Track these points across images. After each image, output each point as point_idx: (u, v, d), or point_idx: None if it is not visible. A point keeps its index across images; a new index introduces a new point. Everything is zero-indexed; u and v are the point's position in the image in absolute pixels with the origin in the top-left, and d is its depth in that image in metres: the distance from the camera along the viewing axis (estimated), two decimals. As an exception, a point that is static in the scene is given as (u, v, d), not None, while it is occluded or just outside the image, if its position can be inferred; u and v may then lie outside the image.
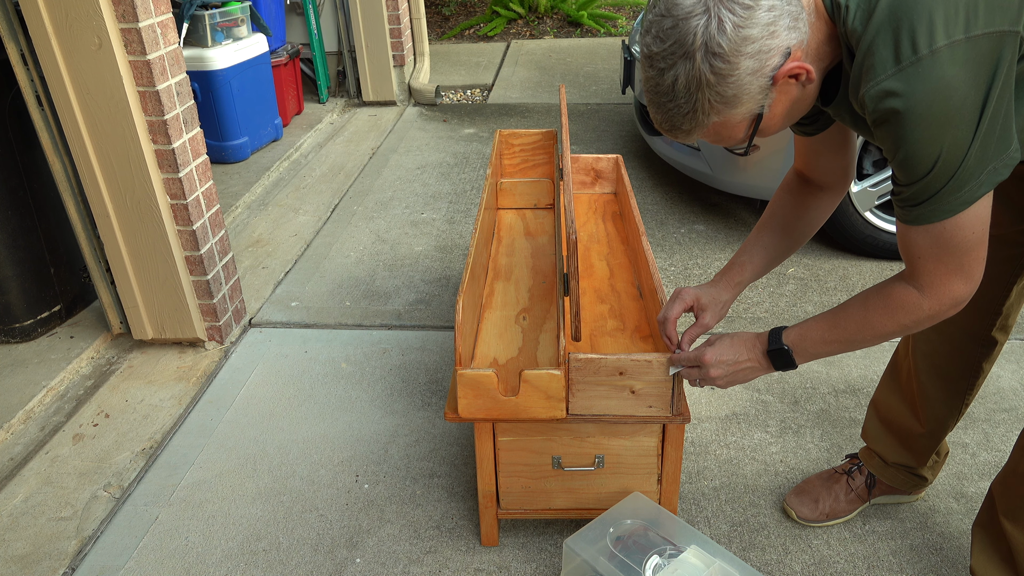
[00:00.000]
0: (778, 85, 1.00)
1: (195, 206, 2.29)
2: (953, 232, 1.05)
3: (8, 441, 2.11)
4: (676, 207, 3.34)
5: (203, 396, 2.26)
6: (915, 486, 1.74)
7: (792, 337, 1.24)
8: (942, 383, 1.55)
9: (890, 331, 1.16)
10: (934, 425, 1.60)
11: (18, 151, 2.33)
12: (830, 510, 1.74)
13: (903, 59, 0.94)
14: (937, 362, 1.54)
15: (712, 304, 1.44)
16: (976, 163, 1.00)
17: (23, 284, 2.42)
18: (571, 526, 1.76)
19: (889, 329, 1.15)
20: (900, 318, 1.13)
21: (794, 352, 1.24)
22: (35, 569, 1.72)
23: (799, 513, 1.75)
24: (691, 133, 1.05)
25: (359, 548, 1.74)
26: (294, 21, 4.86)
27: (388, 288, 2.80)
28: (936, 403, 1.57)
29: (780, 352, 1.25)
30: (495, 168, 2.34)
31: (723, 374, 1.31)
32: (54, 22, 1.99)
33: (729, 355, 1.30)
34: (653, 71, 1.01)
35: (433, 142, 4.30)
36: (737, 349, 1.30)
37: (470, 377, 1.47)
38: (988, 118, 0.97)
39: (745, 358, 1.29)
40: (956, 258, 1.07)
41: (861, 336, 1.18)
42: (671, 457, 1.57)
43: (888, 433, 1.69)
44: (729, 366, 1.30)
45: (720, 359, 1.30)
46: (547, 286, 2.00)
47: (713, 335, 1.34)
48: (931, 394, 1.57)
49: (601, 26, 6.65)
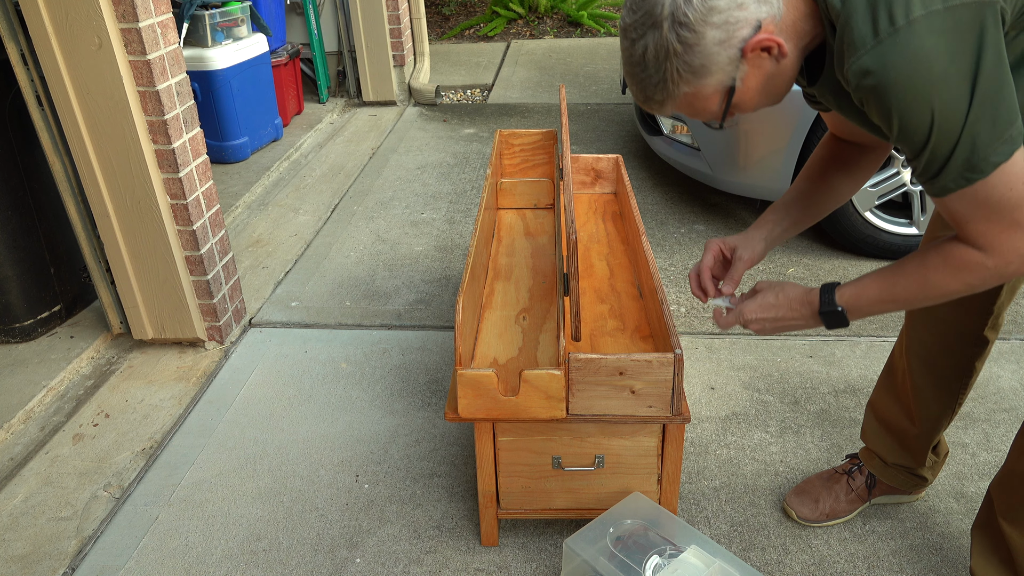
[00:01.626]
0: (749, 58, 1.01)
1: (195, 206, 2.29)
2: (990, 192, 1.02)
3: (8, 441, 2.11)
4: (676, 207, 3.34)
5: (203, 396, 2.26)
6: (915, 486, 1.75)
7: (846, 298, 1.20)
8: (935, 382, 1.57)
9: (955, 290, 1.13)
10: (928, 424, 1.62)
11: (18, 151, 2.33)
12: (830, 510, 1.74)
13: (881, 32, 0.94)
14: (930, 361, 1.55)
15: (744, 244, 1.38)
16: (985, 126, 0.98)
17: (23, 284, 2.42)
18: (571, 526, 1.76)
19: (953, 288, 1.12)
20: (965, 278, 1.10)
21: (847, 312, 1.22)
22: (35, 569, 1.72)
23: (799, 513, 1.75)
24: (664, 104, 1.07)
25: (359, 548, 1.74)
26: (294, 21, 4.86)
27: (388, 288, 2.80)
28: (930, 402, 1.59)
29: (833, 314, 1.22)
30: (495, 168, 2.34)
31: (761, 329, 1.29)
32: (54, 22, 1.99)
33: (770, 313, 1.27)
34: (627, 42, 1.04)
35: (433, 142, 4.30)
36: (779, 309, 1.26)
37: (470, 377, 1.47)
38: (984, 84, 0.95)
39: (788, 317, 1.26)
40: (1007, 215, 1.04)
41: (922, 296, 1.16)
42: (671, 457, 1.57)
43: (886, 433, 1.70)
44: (769, 323, 1.28)
45: (760, 316, 1.27)
46: (547, 286, 2.00)
47: (760, 283, 1.30)
48: (925, 393, 1.58)
49: (601, 26, 6.65)
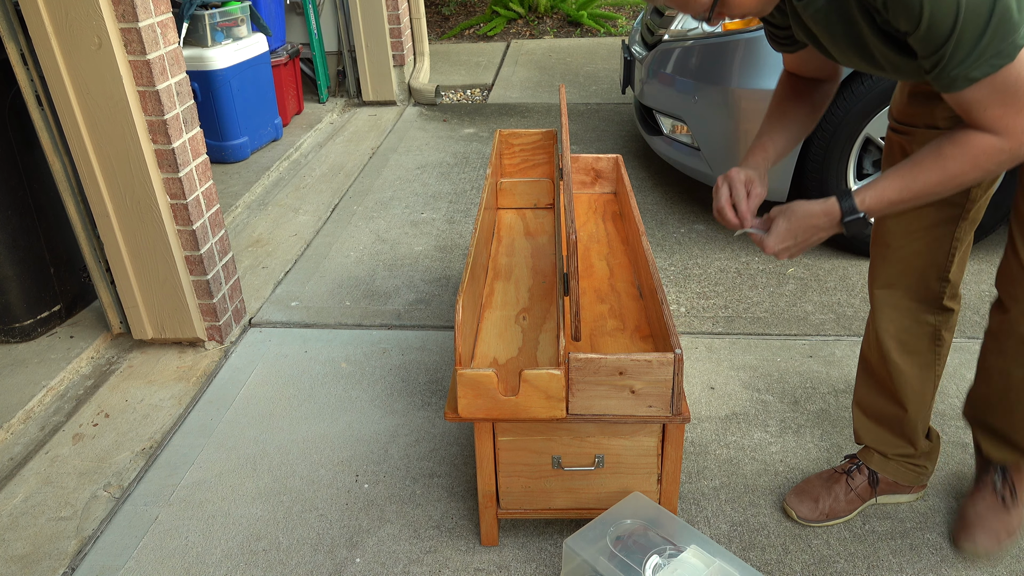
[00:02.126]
0: None
1: (195, 206, 2.29)
2: (1009, 77, 1.07)
3: (8, 441, 2.11)
4: (676, 207, 3.34)
5: (203, 396, 2.26)
6: (916, 478, 1.76)
7: (868, 202, 1.25)
8: (912, 359, 1.62)
9: (973, 178, 1.19)
10: (915, 403, 1.66)
11: (18, 151, 2.33)
12: (830, 510, 1.75)
13: None
14: (903, 339, 1.61)
15: (756, 175, 1.44)
16: (1012, 10, 1.02)
17: (23, 284, 2.42)
18: (571, 526, 1.76)
19: (972, 177, 1.18)
20: (983, 164, 1.16)
21: (868, 214, 1.27)
22: (35, 569, 1.72)
23: (799, 513, 1.75)
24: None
25: (359, 548, 1.74)
26: (294, 21, 4.86)
27: (388, 288, 2.80)
28: (912, 379, 1.63)
29: (856, 220, 1.28)
30: (495, 168, 2.34)
31: (790, 255, 1.36)
32: (54, 22, 1.99)
33: (790, 240, 1.33)
34: None
35: (433, 142, 4.30)
36: (797, 232, 1.32)
37: (470, 377, 1.47)
38: None
39: (809, 235, 1.33)
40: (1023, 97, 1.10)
41: (940, 188, 1.21)
42: (671, 457, 1.57)
43: (879, 426, 1.72)
44: (793, 248, 1.34)
45: (783, 247, 1.34)
46: (547, 286, 2.00)
47: (775, 209, 1.35)
48: (905, 372, 1.63)
49: (601, 26, 6.65)
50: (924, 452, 1.73)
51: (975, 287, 2.63)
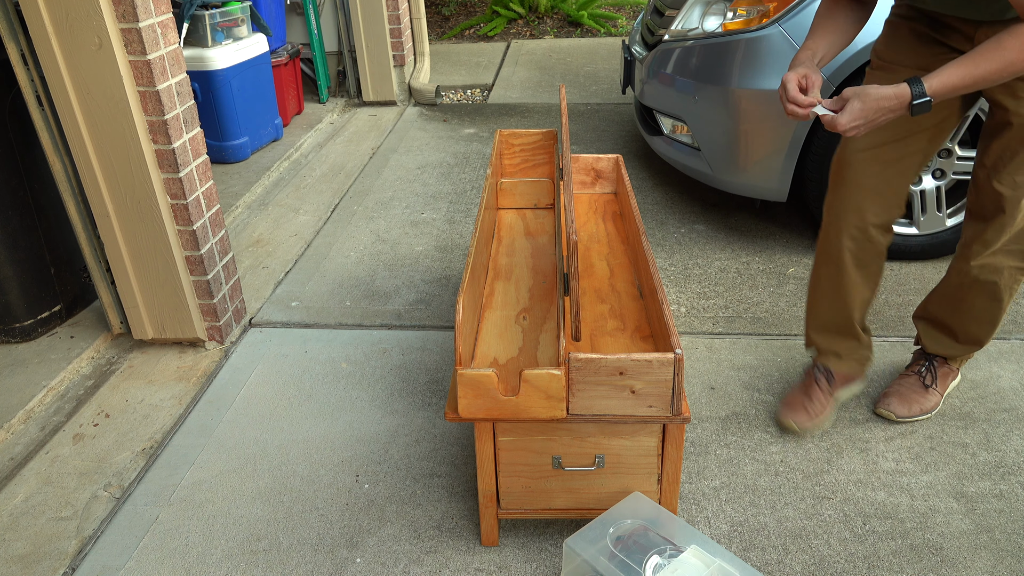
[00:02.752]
0: None
1: (195, 206, 2.30)
2: None
3: (8, 441, 2.11)
4: (676, 207, 3.34)
5: (203, 396, 2.26)
6: (862, 367, 2.08)
7: (935, 87, 1.46)
8: (863, 271, 1.94)
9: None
10: (860, 309, 2.00)
11: (18, 151, 2.33)
12: (816, 412, 2.03)
13: None
14: (858, 254, 1.91)
15: (812, 72, 1.64)
16: None
17: (23, 284, 2.42)
18: (571, 526, 1.76)
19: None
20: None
21: (935, 98, 1.48)
22: (35, 569, 1.72)
23: (800, 423, 2.01)
24: None
25: (359, 548, 1.74)
26: (294, 21, 4.86)
27: (388, 288, 2.81)
28: (860, 287, 1.96)
29: (924, 103, 1.47)
30: (495, 168, 2.34)
31: (857, 131, 1.53)
32: (54, 22, 1.99)
33: (861, 119, 1.51)
34: None
35: (433, 142, 4.30)
36: (868, 112, 1.50)
37: (470, 377, 1.47)
38: None
39: (879, 118, 1.51)
40: None
41: (998, 76, 1.44)
42: (671, 457, 1.57)
43: (833, 332, 2.03)
44: (862, 126, 1.52)
45: (855, 124, 1.51)
46: (547, 286, 2.00)
47: (846, 90, 1.52)
48: (856, 281, 1.95)
49: (601, 26, 6.65)
50: (866, 344, 2.06)
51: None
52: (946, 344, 2.05)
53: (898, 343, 2.36)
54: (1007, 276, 1.86)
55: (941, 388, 2.07)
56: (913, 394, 2.05)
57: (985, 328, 1.97)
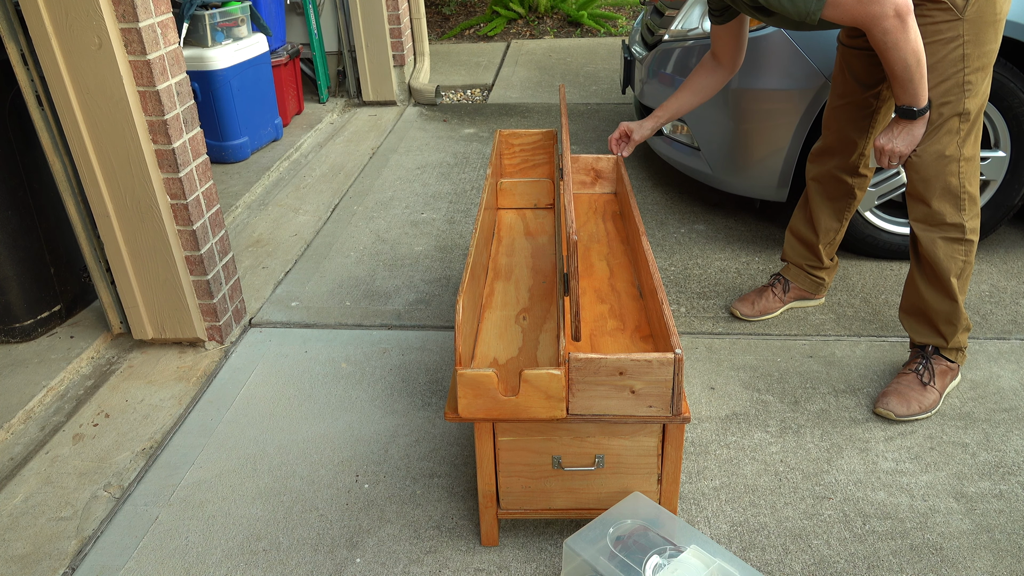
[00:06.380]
0: None
1: (195, 206, 2.30)
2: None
3: (8, 441, 2.11)
4: (676, 207, 3.34)
5: (203, 396, 2.26)
6: (818, 288, 2.48)
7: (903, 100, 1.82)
8: (829, 203, 2.34)
9: (913, 46, 1.69)
10: (825, 235, 2.38)
11: (18, 151, 2.33)
12: (763, 309, 2.47)
13: None
14: (824, 188, 2.32)
15: (639, 130, 2.30)
16: None
17: (23, 284, 2.42)
18: (571, 526, 1.76)
19: (911, 45, 1.69)
20: (899, 34, 1.67)
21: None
22: (35, 569, 1.72)
23: (742, 312, 2.48)
24: None
25: (359, 548, 1.74)
26: (294, 21, 4.86)
27: (388, 288, 2.81)
28: (825, 217, 2.35)
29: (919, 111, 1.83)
30: (495, 168, 2.34)
31: (904, 154, 1.88)
32: (54, 22, 1.99)
33: (901, 144, 1.86)
34: None
35: (433, 142, 4.30)
36: (904, 139, 1.85)
37: (470, 377, 1.47)
38: None
39: (915, 138, 1.85)
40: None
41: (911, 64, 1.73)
42: (671, 457, 1.57)
43: (800, 246, 2.43)
44: (907, 146, 1.86)
45: (894, 149, 1.87)
46: (547, 286, 2.00)
47: (890, 124, 1.88)
48: (822, 210, 2.35)
49: (601, 26, 6.65)
50: (826, 268, 2.44)
51: (975, 287, 2.63)
52: (926, 331, 2.10)
53: (898, 343, 2.36)
54: (941, 247, 1.99)
55: (940, 386, 2.07)
56: (911, 392, 2.05)
57: (947, 303, 2.02)
